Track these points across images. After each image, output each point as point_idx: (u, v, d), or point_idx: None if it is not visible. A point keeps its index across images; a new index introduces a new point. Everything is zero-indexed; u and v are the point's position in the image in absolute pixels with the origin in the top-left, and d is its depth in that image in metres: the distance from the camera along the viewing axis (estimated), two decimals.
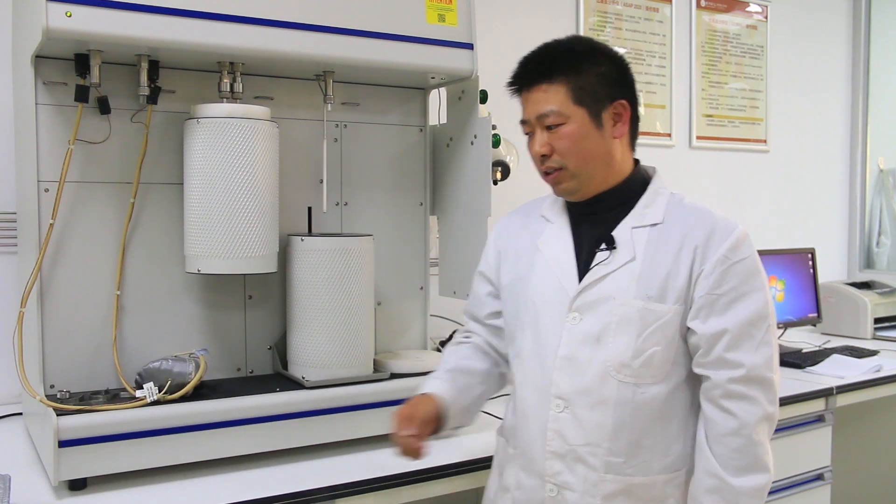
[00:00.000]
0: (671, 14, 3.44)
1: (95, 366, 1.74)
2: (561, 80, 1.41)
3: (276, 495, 1.55)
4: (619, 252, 1.42)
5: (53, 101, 1.69)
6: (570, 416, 1.42)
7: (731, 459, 1.37)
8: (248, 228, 1.71)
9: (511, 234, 1.60)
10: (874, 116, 4.21)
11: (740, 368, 1.36)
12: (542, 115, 1.43)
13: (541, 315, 1.47)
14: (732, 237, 1.40)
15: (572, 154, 1.43)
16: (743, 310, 1.38)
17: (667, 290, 1.39)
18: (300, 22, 1.72)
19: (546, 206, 1.58)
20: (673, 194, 1.49)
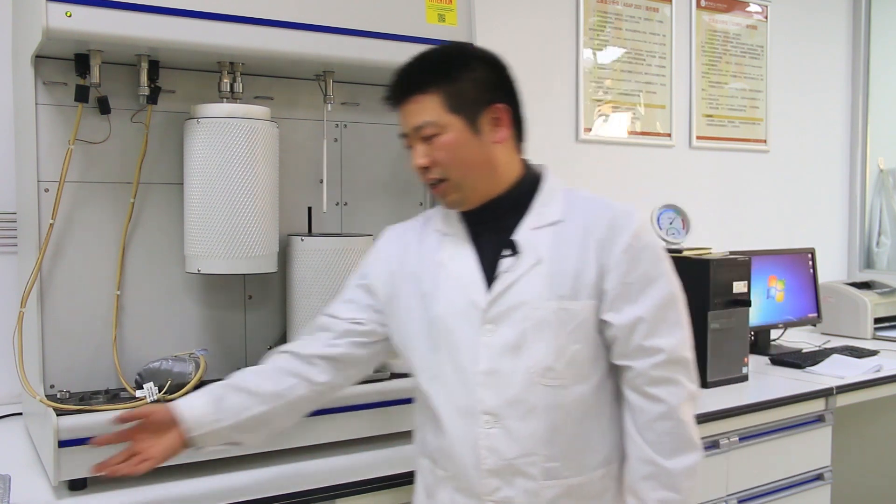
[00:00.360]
0: (671, 14, 3.44)
1: (95, 366, 1.74)
2: (433, 90, 1.39)
3: (276, 495, 1.55)
4: (523, 256, 1.39)
5: (53, 101, 1.69)
6: (502, 430, 1.38)
7: (662, 444, 1.38)
8: (248, 228, 1.71)
9: (406, 249, 1.52)
10: (874, 116, 4.21)
11: (660, 354, 1.37)
12: (417, 126, 1.40)
13: (454, 332, 1.41)
14: (633, 225, 1.40)
15: (452, 164, 1.40)
16: (654, 295, 1.38)
17: (579, 287, 1.37)
18: (300, 22, 1.72)
19: (440, 219, 1.52)
20: (568, 190, 1.48)
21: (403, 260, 1.51)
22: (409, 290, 1.48)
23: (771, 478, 2.39)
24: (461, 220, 1.48)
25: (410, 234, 1.55)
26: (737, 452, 2.29)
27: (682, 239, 2.67)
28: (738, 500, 2.31)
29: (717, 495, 2.26)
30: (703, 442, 2.18)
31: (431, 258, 1.48)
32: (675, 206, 2.72)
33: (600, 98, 3.23)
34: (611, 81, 3.26)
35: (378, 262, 1.55)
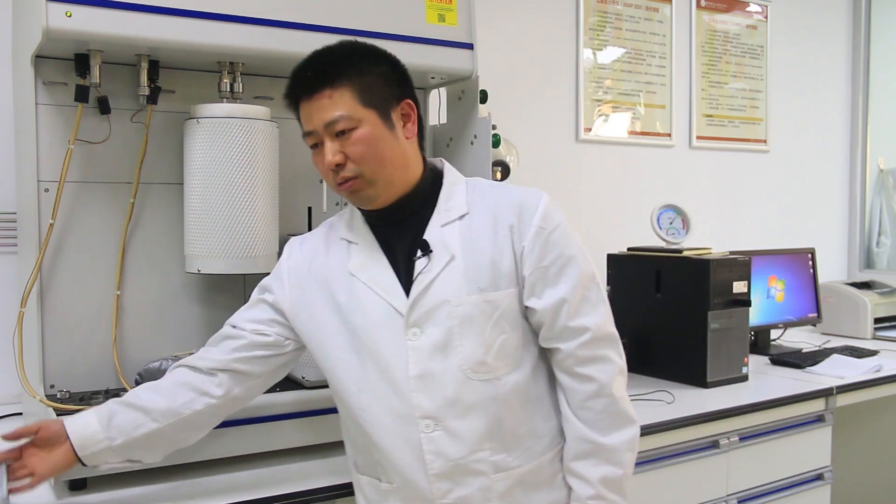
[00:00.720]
0: (671, 14, 3.44)
1: (95, 366, 1.74)
2: (345, 84, 1.35)
3: (276, 495, 1.55)
4: (436, 254, 1.37)
5: (53, 101, 1.69)
6: (444, 432, 1.35)
7: (599, 421, 1.38)
8: (247, 228, 1.71)
9: (312, 260, 1.47)
10: (874, 116, 4.20)
11: (586, 332, 1.37)
12: (330, 121, 1.34)
13: (378, 342, 1.38)
14: (540, 209, 1.39)
15: (368, 159, 1.35)
16: (572, 274, 1.38)
17: (497, 277, 1.37)
18: (300, 22, 1.72)
19: (343, 228, 1.48)
20: (468, 181, 1.46)
21: (309, 272, 1.46)
22: (322, 301, 1.44)
23: (771, 478, 2.39)
24: (366, 226, 1.45)
25: (314, 243, 1.50)
26: (737, 452, 2.28)
27: (682, 239, 2.67)
28: (738, 500, 2.31)
29: (717, 495, 2.26)
30: (704, 442, 2.20)
31: (341, 268, 1.43)
32: (675, 206, 2.72)
33: (600, 98, 3.23)
34: (611, 81, 3.26)
35: (281, 278, 1.48)
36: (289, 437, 1.74)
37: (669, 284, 2.55)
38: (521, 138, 2.67)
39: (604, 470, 1.38)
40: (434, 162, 1.49)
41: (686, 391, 2.39)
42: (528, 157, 2.71)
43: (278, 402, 1.73)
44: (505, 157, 2.46)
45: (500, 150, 2.43)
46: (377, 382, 1.38)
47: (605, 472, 1.38)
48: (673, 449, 2.14)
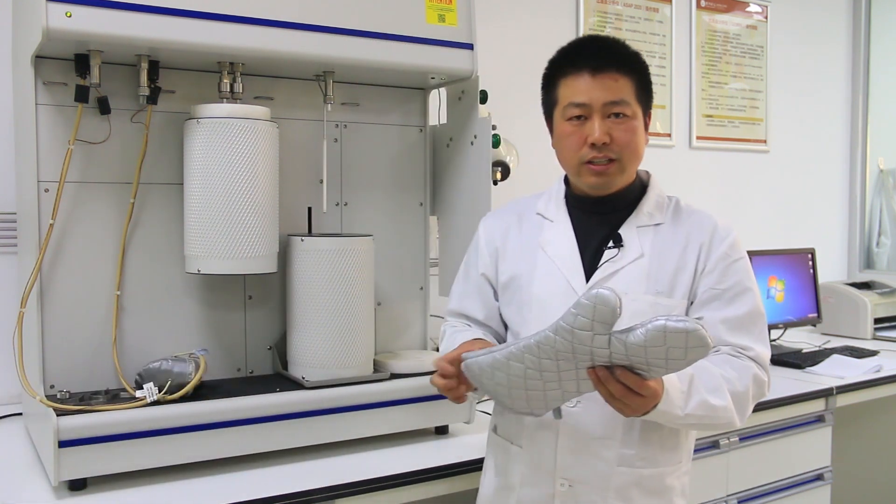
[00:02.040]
0: (671, 14, 3.44)
1: (95, 366, 1.74)
2: (631, 74, 1.43)
3: (276, 495, 1.55)
4: (627, 249, 1.45)
5: (53, 101, 1.69)
6: (583, 409, 1.42)
7: (726, 364, 1.39)
8: (247, 228, 1.71)
9: (504, 233, 1.58)
10: (874, 116, 4.20)
11: (748, 350, 1.41)
12: (612, 101, 1.41)
13: (548, 313, 1.42)
14: (731, 237, 1.47)
15: (631, 148, 1.43)
16: (745, 303, 1.43)
17: (675, 285, 1.43)
18: (300, 22, 1.72)
19: (542, 205, 1.57)
20: (670, 197, 1.54)
21: (504, 243, 1.57)
22: (506, 268, 1.54)
23: (771, 478, 2.39)
24: (564, 208, 1.53)
25: (508, 219, 1.60)
26: (737, 452, 2.29)
27: None
28: (738, 500, 2.31)
29: (717, 495, 2.26)
30: (703, 442, 2.20)
31: (531, 240, 1.53)
32: None
33: None
34: None
35: (482, 249, 1.60)
36: (289, 437, 1.74)
37: None
38: (521, 138, 2.66)
39: (700, 379, 1.34)
40: (642, 172, 1.56)
41: None
42: (528, 157, 2.71)
43: (278, 402, 1.73)
44: (505, 158, 2.46)
45: (500, 151, 2.42)
46: None
47: (698, 379, 1.34)
48: None
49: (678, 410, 1.30)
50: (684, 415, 1.31)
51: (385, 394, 1.84)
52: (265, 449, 1.72)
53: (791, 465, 2.44)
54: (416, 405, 1.87)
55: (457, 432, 1.95)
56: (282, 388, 1.78)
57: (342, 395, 1.80)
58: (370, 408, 1.82)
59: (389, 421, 1.85)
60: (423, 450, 1.83)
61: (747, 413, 1.42)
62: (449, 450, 1.83)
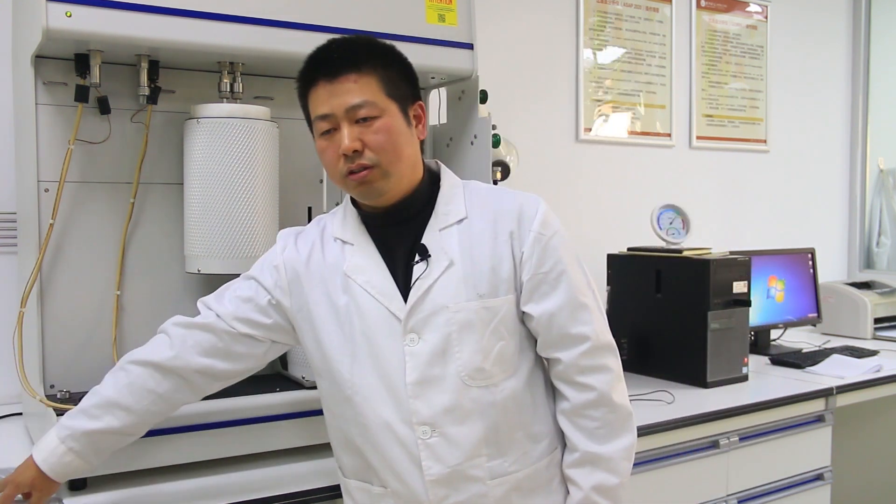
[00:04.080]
0: (671, 14, 3.44)
1: (95, 366, 1.74)
2: (371, 72, 1.32)
3: (276, 495, 1.55)
4: (435, 259, 1.35)
5: (53, 101, 1.69)
6: (441, 438, 1.34)
7: (597, 430, 1.38)
8: (247, 228, 1.71)
9: (310, 258, 1.43)
10: (874, 116, 4.20)
11: (586, 342, 1.37)
12: (354, 106, 1.30)
13: (375, 346, 1.36)
14: (539, 215, 1.38)
15: (387, 149, 1.32)
16: (570, 282, 1.37)
17: (496, 283, 1.36)
18: (300, 22, 1.72)
19: (337, 227, 1.44)
20: (466, 184, 1.45)
21: (307, 266, 1.42)
22: (317, 299, 1.40)
23: (771, 478, 2.39)
24: (361, 227, 1.42)
25: (311, 239, 1.45)
26: (737, 452, 2.29)
27: (682, 239, 2.67)
28: (738, 500, 2.31)
29: (717, 495, 2.26)
30: (704, 442, 2.20)
31: (336, 269, 1.40)
32: (675, 206, 2.72)
33: (600, 98, 3.23)
34: (611, 81, 3.26)
35: (278, 269, 1.44)
36: (288, 438, 1.74)
37: (669, 284, 2.55)
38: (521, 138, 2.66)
39: (598, 477, 1.38)
40: (430, 164, 1.46)
41: (686, 391, 2.39)
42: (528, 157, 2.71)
43: (277, 402, 1.73)
44: (505, 157, 2.46)
45: (500, 150, 2.42)
46: (374, 387, 1.36)
47: (599, 479, 1.38)
48: (673, 449, 2.14)
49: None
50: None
51: None
52: (265, 449, 1.72)
53: (791, 465, 2.44)
54: None
55: None
56: (282, 388, 1.78)
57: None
58: None
59: None
60: None
61: (627, 423, 1.40)
62: None
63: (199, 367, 1.43)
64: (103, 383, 1.43)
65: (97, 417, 1.39)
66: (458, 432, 1.34)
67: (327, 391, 1.45)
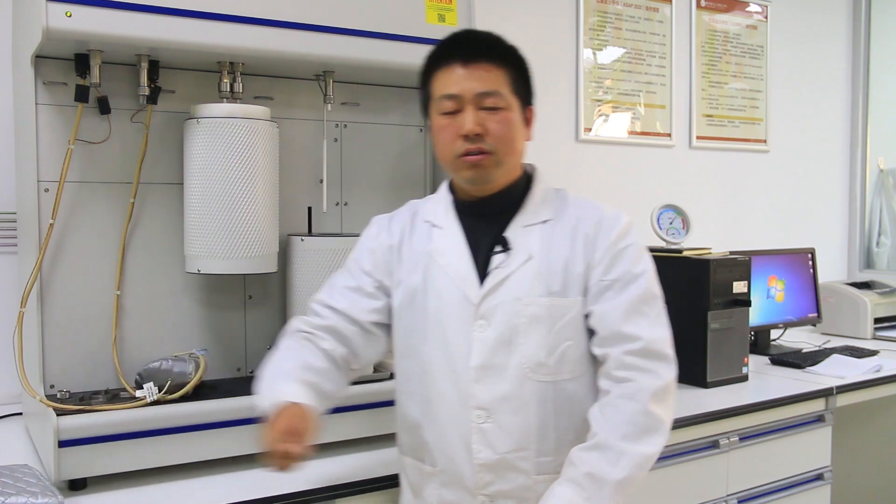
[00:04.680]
0: (671, 14, 3.44)
1: (95, 366, 1.74)
2: (504, 66, 1.40)
3: (276, 495, 1.55)
4: (515, 252, 1.41)
5: (53, 101, 1.69)
6: (494, 424, 1.38)
7: (623, 424, 1.33)
8: (247, 228, 1.71)
9: (400, 235, 1.51)
10: (874, 116, 4.20)
11: (638, 341, 1.36)
12: (484, 93, 1.37)
13: (446, 326, 1.42)
14: (619, 226, 1.43)
15: (506, 140, 1.39)
16: (635, 290, 1.40)
17: (568, 283, 1.40)
18: (300, 22, 1.72)
19: (429, 211, 1.51)
20: (557, 190, 1.51)
21: (398, 250, 1.50)
22: (402, 278, 1.48)
23: (771, 478, 2.39)
24: (452, 213, 1.48)
25: (402, 223, 1.53)
26: (737, 452, 2.28)
27: (682, 239, 2.67)
28: (738, 500, 2.31)
29: (717, 495, 2.26)
30: (704, 442, 2.20)
31: (422, 250, 1.47)
32: (675, 206, 2.72)
33: (600, 98, 3.23)
34: (611, 81, 3.26)
35: (373, 252, 1.52)
36: None
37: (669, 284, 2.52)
38: None
39: (599, 466, 1.31)
40: (527, 166, 1.52)
41: (686, 391, 2.38)
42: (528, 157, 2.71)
43: None
44: None
45: None
46: (438, 367, 1.43)
47: (599, 468, 1.30)
48: (673, 449, 2.14)
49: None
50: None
51: (385, 393, 1.84)
52: None
53: (791, 465, 2.44)
54: None
55: None
56: None
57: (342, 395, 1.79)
58: (370, 408, 1.82)
59: (389, 421, 1.85)
60: None
61: (655, 436, 1.34)
62: None
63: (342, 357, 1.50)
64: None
65: (300, 372, 1.43)
66: (512, 421, 1.38)
67: (401, 368, 1.51)
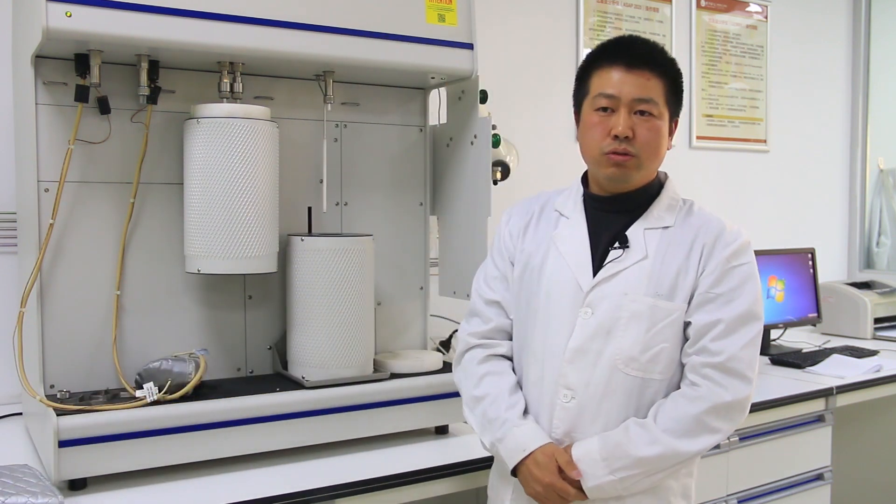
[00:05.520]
0: (671, 14, 3.44)
1: (95, 366, 1.74)
2: (663, 76, 1.46)
3: (276, 495, 1.55)
4: (631, 251, 1.47)
5: (53, 101, 1.69)
6: (578, 406, 1.45)
7: (669, 420, 1.41)
8: (247, 228, 1.71)
9: (525, 224, 1.61)
10: (874, 116, 4.20)
11: (720, 355, 1.41)
12: (641, 99, 1.44)
13: (553, 307, 1.50)
14: (737, 243, 1.48)
15: (652, 147, 1.45)
16: (736, 307, 1.43)
17: (676, 289, 1.45)
18: (300, 22, 1.72)
19: (560, 201, 1.60)
20: (684, 200, 1.55)
21: (524, 233, 1.60)
22: (521, 261, 1.57)
23: (771, 478, 2.39)
24: (581, 206, 1.56)
25: (531, 210, 1.62)
26: (737, 452, 2.29)
27: None
28: (738, 500, 2.31)
29: (717, 495, 2.26)
30: None
31: (546, 234, 1.56)
32: None
33: None
34: None
35: (510, 236, 1.62)
36: (288, 438, 1.74)
37: None
38: (521, 138, 2.66)
39: (631, 439, 1.40)
40: (661, 173, 1.57)
41: None
42: (528, 157, 2.71)
43: (278, 402, 1.73)
44: (505, 157, 2.46)
45: (500, 150, 2.42)
46: (539, 343, 1.51)
47: (629, 440, 1.40)
48: None
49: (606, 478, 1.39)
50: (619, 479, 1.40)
51: (385, 394, 1.84)
52: (265, 449, 1.72)
53: (791, 464, 2.44)
54: (416, 405, 1.88)
55: (457, 432, 1.95)
56: (282, 388, 1.78)
57: (342, 395, 1.80)
58: (370, 408, 1.82)
59: (389, 421, 1.85)
60: (423, 450, 1.83)
61: (696, 444, 1.41)
62: (449, 450, 1.83)
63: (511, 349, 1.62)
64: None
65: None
66: (595, 407, 1.45)
67: (514, 344, 1.59)
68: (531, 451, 1.45)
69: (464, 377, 1.61)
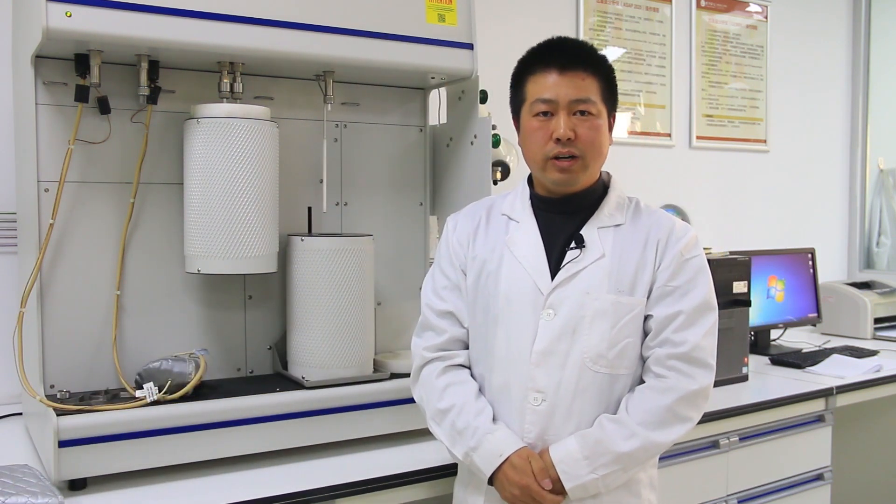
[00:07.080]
0: (671, 14, 3.44)
1: (95, 366, 1.74)
2: (597, 75, 1.47)
3: (276, 495, 1.55)
4: (588, 250, 1.48)
5: (53, 101, 1.69)
6: (548, 407, 1.45)
7: (643, 412, 1.42)
8: (247, 228, 1.71)
9: (474, 230, 1.59)
10: (874, 116, 4.20)
11: (683, 345, 1.44)
12: (578, 100, 1.44)
13: (514, 313, 1.49)
14: (688, 237, 1.51)
15: (594, 146, 1.46)
16: (694, 298, 1.46)
17: (636, 284, 1.47)
18: (300, 22, 1.72)
19: (506, 206, 1.59)
20: (631, 198, 1.57)
21: (474, 240, 1.58)
22: (475, 269, 1.56)
23: (771, 478, 2.39)
24: (530, 209, 1.55)
25: (477, 216, 1.61)
26: (737, 452, 2.29)
27: None
28: (738, 500, 2.31)
29: (717, 495, 2.26)
30: (703, 442, 2.20)
31: (497, 240, 1.55)
32: (675, 206, 2.72)
33: None
34: None
35: (458, 244, 1.60)
36: (288, 438, 1.74)
37: None
38: None
39: (609, 436, 1.41)
40: (604, 174, 1.58)
41: None
42: None
43: (278, 402, 1.73)
44: (505, 157, 2.46)
45: (500, 150, 2.42)
46: (502, 350, 1.49)
47: (607, 437, 1.41)
48: (673, 449, 2.13)
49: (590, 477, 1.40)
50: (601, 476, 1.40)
51: (385, 394, 1.84)
52: (265, 449, 1.72)
53: (791, 464, 2.44)
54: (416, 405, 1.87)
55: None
56: (282, 388, 1.78)
57: (342, 395, 1.80)
58: (370, 408, 1.83)
59: (389, 421, 1.85)
60: (423, 450, 1.82)
61: (668, 434, 1.43)
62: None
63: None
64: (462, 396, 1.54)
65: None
66: (567, 407, 1.45)
67: (472, 352, 1.58)
68: (508, 456, 1.44)
69: (425, 392, 1.58)
